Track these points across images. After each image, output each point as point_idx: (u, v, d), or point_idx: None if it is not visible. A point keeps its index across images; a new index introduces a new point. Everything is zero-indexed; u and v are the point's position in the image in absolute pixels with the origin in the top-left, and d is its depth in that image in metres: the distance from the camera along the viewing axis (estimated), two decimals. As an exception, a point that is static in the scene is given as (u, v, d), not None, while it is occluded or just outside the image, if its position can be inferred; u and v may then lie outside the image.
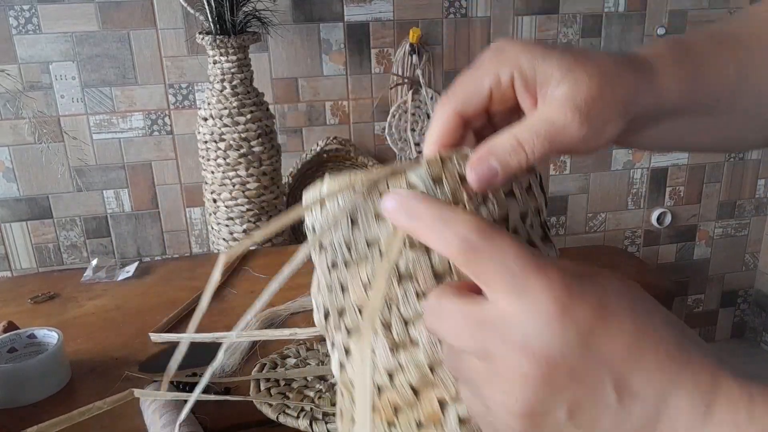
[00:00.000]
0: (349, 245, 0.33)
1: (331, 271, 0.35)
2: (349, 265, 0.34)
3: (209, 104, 1.46)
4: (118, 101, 1.72)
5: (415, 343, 0.32)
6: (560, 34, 1.90)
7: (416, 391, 0.33)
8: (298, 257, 0.31)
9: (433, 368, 0.32)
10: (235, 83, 1.45)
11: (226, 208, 1.50)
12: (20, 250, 1.79)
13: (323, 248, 0.35)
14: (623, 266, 1.11)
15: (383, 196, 0.30)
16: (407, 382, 0.33)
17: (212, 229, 1.57)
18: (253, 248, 1.33)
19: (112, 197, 1.80)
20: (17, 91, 1.64)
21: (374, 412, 0.34)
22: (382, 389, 0.34)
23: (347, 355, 0.35)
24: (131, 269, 1.10)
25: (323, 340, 0.87)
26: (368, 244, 0.33)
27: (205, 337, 0.84)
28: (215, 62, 1.44)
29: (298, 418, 0.68)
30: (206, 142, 1.47)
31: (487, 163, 0.31)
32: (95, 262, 1.11)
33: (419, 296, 0.32)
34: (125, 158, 1.77)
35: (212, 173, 1.49)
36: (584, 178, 2.07)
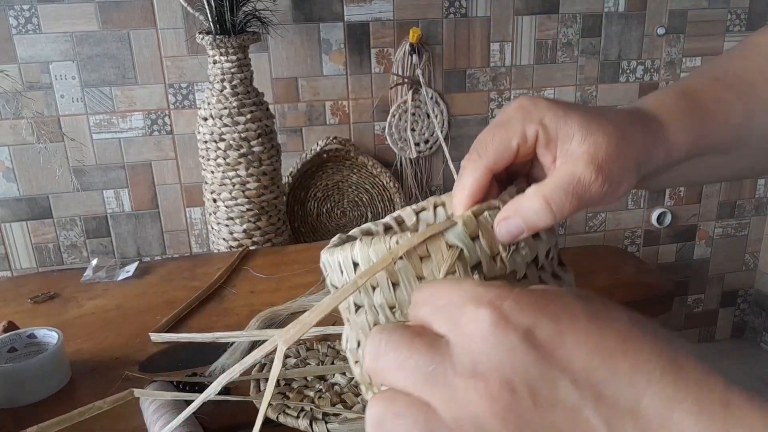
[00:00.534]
0: (392, 306, 0.34)
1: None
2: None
3: (209, 104, 1.46)
4: (118, 101, 1.72)
5: None
6: (560, 34, 1.90)
7: None
8: (324, 308, 0.32)
9: None
10: (235, 83, 1.44)
11: (226, 208, 1.50)
12: (20, 250, 1.79)
13: (360, 308, 0.35)
14: (623, 266, 1.11)
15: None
16: None
17: (212, 229, 1.57)
18: (252, 248, 1.33)
19: (112, 197, 1.80)
20: (16, 91, 1.64)
21: None
22: None
23: None
24: (131, 269, 1.10)
25: (323, 339, 0.87)
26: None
27: (205, 337, 0.84)
28: (215, 62, 1.44)
29: (298, 418, 0.68)
30: (206, 141, 1.47)
31: (515, 222, 0.34)
32: (95, 262, 1.11)
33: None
34: (125, 158, 1.77)
35: (212, 173, 1.49)
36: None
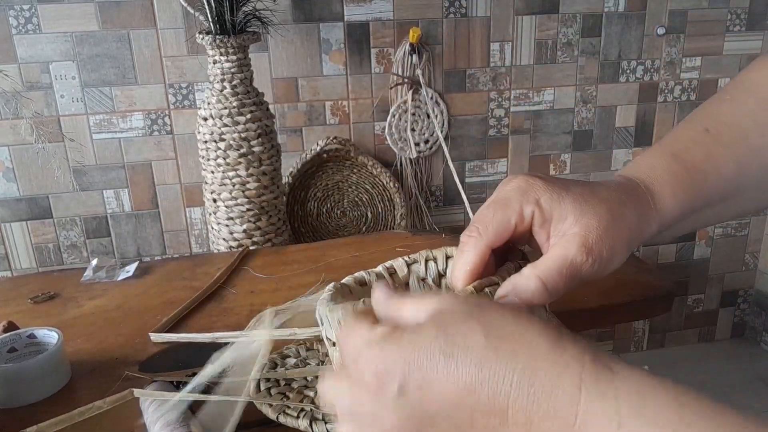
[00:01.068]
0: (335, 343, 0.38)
1: None
2: None
3: (209, 104, 1.46)
4: (118, 101, 1.72)
5: None
6: (560, 34, 1.90)
7: None
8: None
9: None
10: (235, 83, 1.44)
11: (226, 208, 1.50)
12: (20, 250, 1.79)
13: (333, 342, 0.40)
14: (623, 266, 1.11)
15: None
16: None
17: (212, 229, 1.56)
18: (252, 248, 1.32)
19: (112, 197, 1.80)
20: (16, 91, 1.64)
21: None
22: None
23: None
24: (131, 269, 1.10)
25: (323, 339, 0.87)
26: None
27: (204, 337, 0.84)
28: (215, 62, 1.44)
29: (298, 418, 0.68)
30: (206, 141, 1.47)
31: (513, 301, 0.37)
32: (95, 262, 1.11)
33: None
34: (125, 158, 1.77)
35: (212, 173, 1.49)
36: (585, 178, 2.07)
